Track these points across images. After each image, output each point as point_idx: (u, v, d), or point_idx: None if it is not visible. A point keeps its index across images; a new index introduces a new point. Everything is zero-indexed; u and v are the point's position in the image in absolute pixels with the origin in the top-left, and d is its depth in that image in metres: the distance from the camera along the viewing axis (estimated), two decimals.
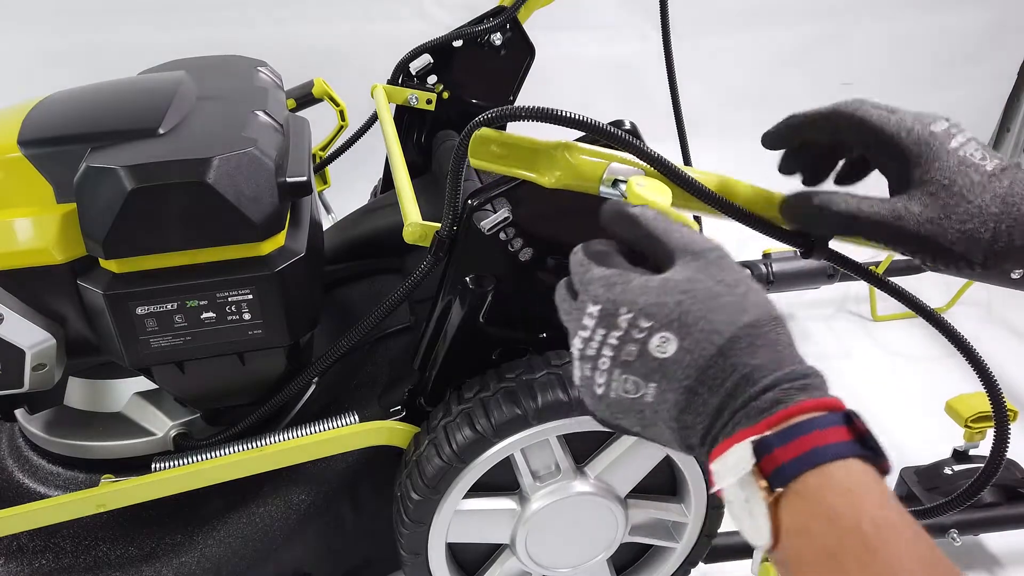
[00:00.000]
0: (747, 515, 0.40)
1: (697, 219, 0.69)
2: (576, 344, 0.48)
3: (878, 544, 0.35)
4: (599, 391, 0.46)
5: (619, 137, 0.57)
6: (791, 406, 0.40)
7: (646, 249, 0.50)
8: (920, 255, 0.55)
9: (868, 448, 0.39)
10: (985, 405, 0.99)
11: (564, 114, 0.57)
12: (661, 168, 0.57)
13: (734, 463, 0.40)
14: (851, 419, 0.40)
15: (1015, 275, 0.53)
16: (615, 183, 0.60)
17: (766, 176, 0.66)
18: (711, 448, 0.43)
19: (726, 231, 0.62)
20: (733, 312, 0.43)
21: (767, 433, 0.39)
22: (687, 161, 1.14)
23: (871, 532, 0.36)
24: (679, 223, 0.50)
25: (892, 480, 1.07)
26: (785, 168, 0.65)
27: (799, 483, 0.38)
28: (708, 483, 0.42)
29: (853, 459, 0.38)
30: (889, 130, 0.55)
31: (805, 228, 0.58)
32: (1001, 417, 0.61)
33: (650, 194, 0.55)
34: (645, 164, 0.59)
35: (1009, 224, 0.51)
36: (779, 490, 0.38)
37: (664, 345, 0.43)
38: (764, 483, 0.39)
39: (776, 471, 0.38)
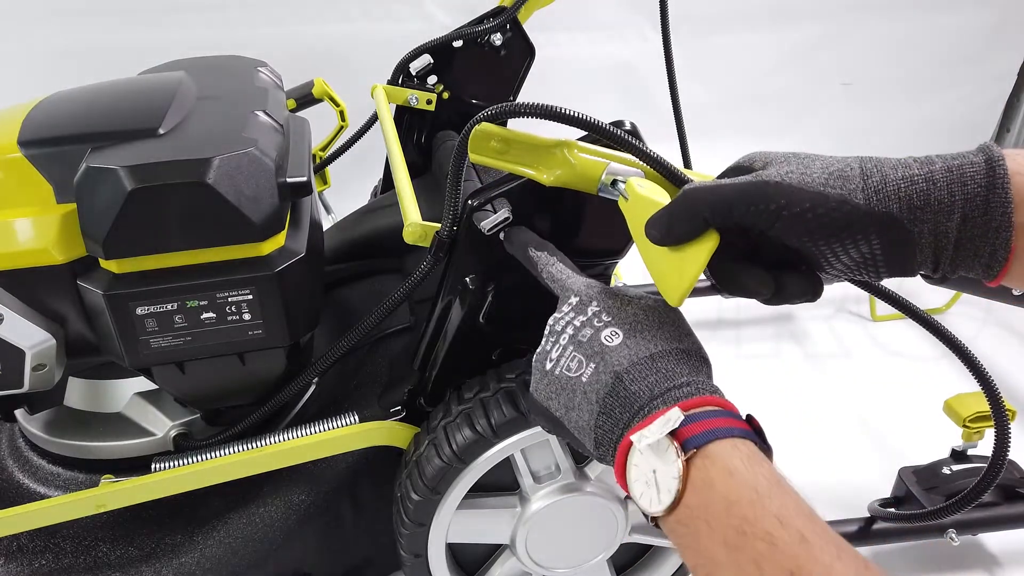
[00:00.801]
0: (650, 485, 0.46)
1: None
2: (550, 321, 0.57)
3: (769, 493, 0.42)
4: (548, 365, 0.55)
5: (619, 137, 0.57)
6: (704, 396, 0.48)
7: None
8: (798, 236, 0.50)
9: (761, 438, 0.47)
10: (983, 405, 0.99)
11: (566, 112, 0.57)
12: (661, 169, 0.57)
13: (658, 427, 0.46)
14: (751, 418, 0.48)
15: (1016, 292, 0.53)
16: (614, 183, 0.60)
17: None
18: (620, 436, 0.49)
19: None
20: (672, 338, 0.52)
21: (686, 414, 0.46)
22: (687, 162, 1.14)
23: (763, 486, 0.42)
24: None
25: (890, 480, 1.07)
26: None
27: (709, 447, 0.44)
28: (616, 471, 0.50)
29: (751, 441, 0.45)
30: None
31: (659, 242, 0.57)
32: (1001, 419, 0.61)
33: (650, 194, 0.55)
34: (645, 165, 0.59)
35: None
36: (692, 451, 0.44)
37: (613, 338, 0.52)
38: (677, 444, 0.45)
39: (691, 438, 0.45)
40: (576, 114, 0.57)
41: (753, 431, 0.47)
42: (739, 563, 0.40)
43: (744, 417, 0.48)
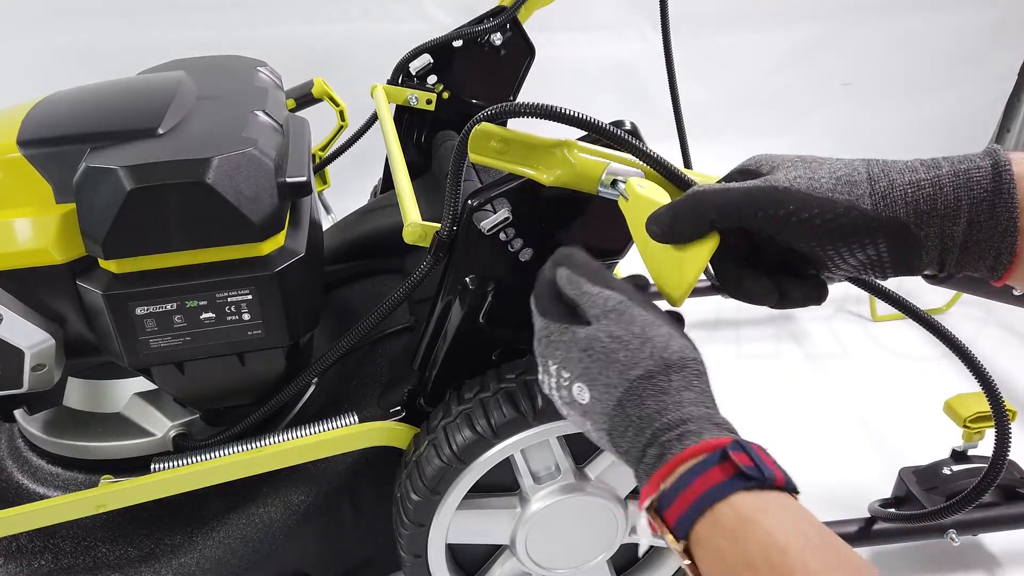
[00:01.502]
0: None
1: None
2: (540, 380, 0.55)
3: (767, 569, 0.37)
4: (568, 415, 0.53)
5: (619, 137, 0.57)
6: (671, 460, 0.43)
7: (567, 314, 0.54)
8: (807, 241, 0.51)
9: (749, 477, 0.41)
10: (984, 405, 0.99)
11: (565, 112, 0.57)
12: (660, 169, 0.57)
13: (644, 527, 0.44)
14: (726, 455, 0.42)
15: (1017, 292, 0.53)
16: (614, 183, 0.60)
17: None
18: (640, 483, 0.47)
19: None
20: (625, 367, 0.47)
21: (662, 489, 0.43)
22: (687, 162, 1.14)
23: (760, 559, 0.38)
24: (587, 282, 0.53)
25: (890, 481, 1.07)
26: None
27: (695, 532, 0.41)
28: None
29: (736, 495, 0.40)
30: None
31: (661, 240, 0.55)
32: (1001, 419, 0.61)
33: (650, 194, 0.55)
34: (645, 165, 0.59)
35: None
36: (683, 542, 0.41)
37: (582, 394, 0.49)
38: (670, 537, 0.42)
39: (676, 524, 0.41)
40: (576, 114, 0.57)
41: (737, 473, 0.41)
42: None
43: (720, 454, 0.42)
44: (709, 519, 0.40)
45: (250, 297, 0.72)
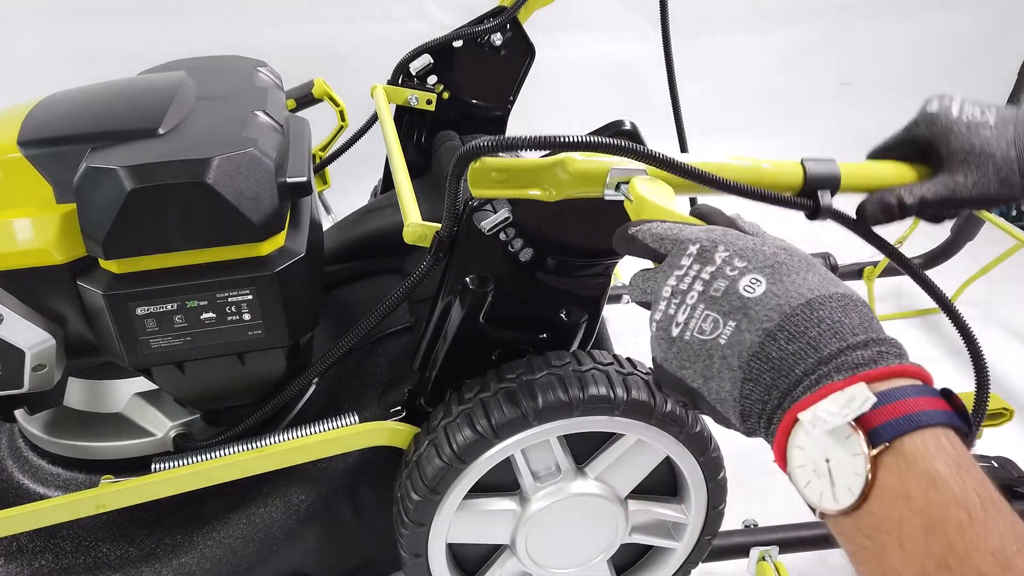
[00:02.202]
0: (823, 476, 0.38)
1: (692, 200, 0.69)
2: (669, 282, 0.47)
3: (984, 519, 0.34)
4: (675, 331, 0.46)
5: (614, 146, 0.57)
6: (891, 366, 0.39)
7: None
8: (969, 209, 0.65)
9: (966, 423, 0.38)
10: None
11: (557, 139, 0.56)
12: (659, 164, 0.57)
13: (839, 407, 0.37)
14: (950, 394, 0.39)
15: None
16: (618, 186, 0.60)
17: None
18: (776, 410, 0.41)
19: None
20: (826, 280, 0.43)
21: (875, 390, 0.38)
22: None
23: (976, 505, 0.34)
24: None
25: None
26: None
27: (905, 443, 0.36)
28: (777, 454, 0.42)
29: (953, 430, 0.37)
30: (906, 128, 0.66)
31: (885, 222, 0.63)
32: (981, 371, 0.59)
33: (652, 195, 0.55)
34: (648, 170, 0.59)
35: None
36: (884, 446, 0.36)
37: (754, 286, 0.43)
38: (863, 435, 0.36)
39: (880, 427, 0.36)
40: (567, 139, 0.56)
41: (956, 413, 0.38)
42: None
43: (940, 391, 0.39)
44: (930, 437, 0.36)
45: (250, 297, 0.72)
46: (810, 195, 0.59)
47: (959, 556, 0.33)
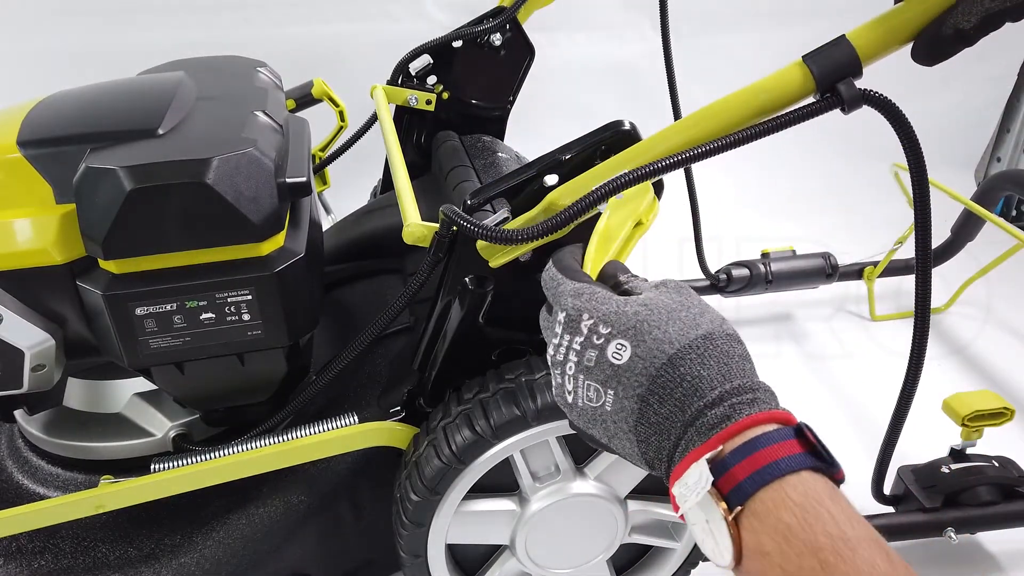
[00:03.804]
0: (709, 535, 0.40)
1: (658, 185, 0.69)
2: (549, 351, 0.50)
3: (836, 562, 0.34)
4: (568, 398, 0.49)
5: (595, 200, 0.58)
6: (741, 420, 0.40)
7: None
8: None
9: (820, 460, 0.38)
10: (983, 404, 0.99)
11: (552, 222, 0.59)
12: (630, 183, 0.58)
13: (693, 483, 0.40)
14: (802, 431, 0.40)
15: None
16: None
17: (765, 175, 0.66)
18: (669, 468, 0.43)
19: (729, 225, 0.63)
20: (687, 325, 0.45)
21: (721, 449, 0.40)
22: (687, 168, 1.14)
23: (828, 550, 0.35)
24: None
25: (889, 479, 1.07)
26: None
27: (755, 501, 0.38)
28: (672, 506, 0.43)
29: (806, 472, 0.38)
30: None
31: (942, 60, 0.56)
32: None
33: (604, 221, 0.59)
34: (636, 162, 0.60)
35: None
36: (738, 509, 0.38)
37: (620, 352, 0.45)
38: (723, 504, 0.38)
39: (733, 490, 0.38)
40: (565, 216, 0.59)
41: (810, 450, 0.39)
42: None
43: (795, 430, 0.40)
44: (777, 489, 0.37)
45: (250, 297, 0.72)
46: (830, 90, 0.54)
47: None
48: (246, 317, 0.73)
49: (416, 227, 0.74)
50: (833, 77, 0.54)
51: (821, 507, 0.36)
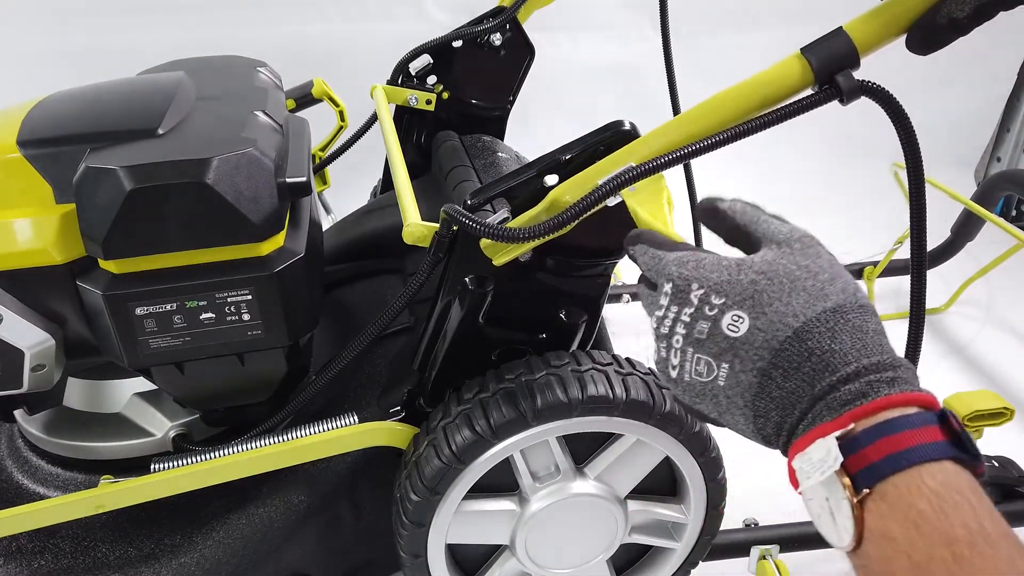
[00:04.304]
0: (827, 514, 0.38)
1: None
2: (653, 324, 0.47)
3: (972, 556, 0.32)
4: (673, 373, 0.46)
5: (603, 195, 0.58)
6: (878, 400, 0.38)
7: (735, 242, 0.50)
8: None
9: (963, 451, 0.36)
10: (982, 404, 0.99)
11: (561, 218, 0.60)
12: (638, 176, 0.57)
13: (819, 459, 0.37)
14: (945, 418, 0.37)
15: None
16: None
17: (765, 175, 0.66)
18: (789, 442, 0.41)
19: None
20: (813, 297, 0.41)
21: (852, 427, 0.37)
22: (687, 166, 1.13)
23: (964, 543, 0.33)
24: (767, 217, 0.50)
25: None
26: None
27: (887, 484, 0.35)
28: (790, 481, 0.41)
29: (947, 461, 0.35)
30: None
31: (937, 49, 0.55)
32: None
33: (641, 205, 0.57)
34: (634, 160, 0.60)
35: None
36: (865, 491, 0.36)
37: (736, 324, 0.42)
38: (848, 482, 0.36)
39: (862, 471, 0.36)
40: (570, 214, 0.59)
41: (953, 439, 0.36)
42: None
43: (938, 415, 0.37)
44: (913, 475, 0.35)
45: (250, 297, 0.72)
46: (828, 82, 0.54)
47: None
48: (246, 317, 0.73)
49: (416, 227, 0.74)
50: (831, 68, 0.54)
51: (961, 498, 0.34)
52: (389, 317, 0.79)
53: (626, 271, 1.62)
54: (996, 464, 1.02)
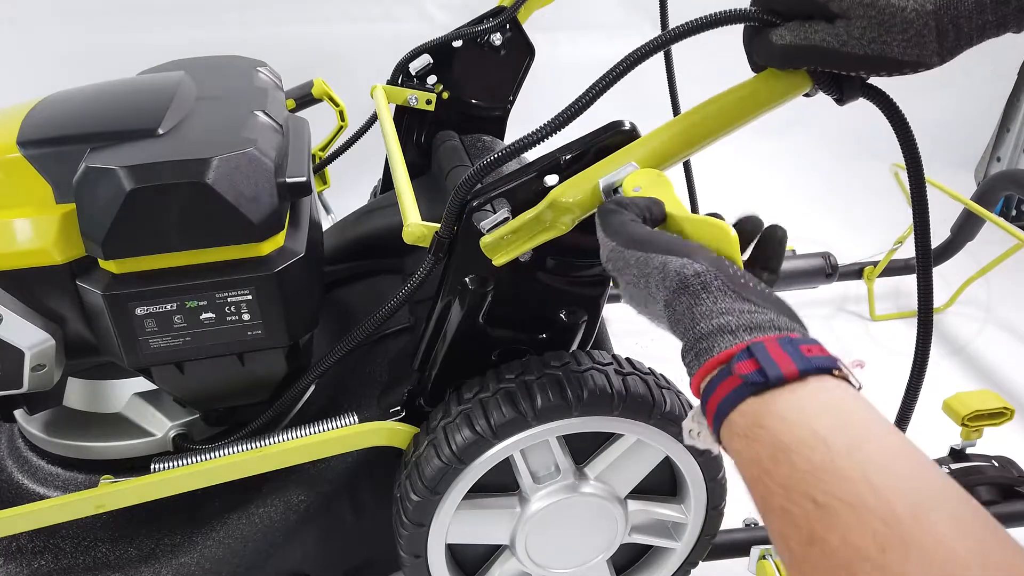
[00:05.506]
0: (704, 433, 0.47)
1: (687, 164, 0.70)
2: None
3: (773, 468, 0.40)
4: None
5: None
6: (699, 369, 0.46)
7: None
8: (874, 72, 0.55)
9: (754, 383, 0.42)
10: (982, 404, 0.99)
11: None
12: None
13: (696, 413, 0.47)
14: (751, 353, 0.43)
15: None
16: (615, 191, 0.61)
17: (765, 175, 0.66)
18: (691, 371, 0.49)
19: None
20: (706, 260, 0.50)
21: (701, 394, 0.46)
22: (687, 166, 1.14)
23: (768, 461, 0.40)
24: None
25: None
26: None
27: (722, 436, 0.44)
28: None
29: (744, 402, 0.42)
30: None
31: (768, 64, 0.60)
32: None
33: (651, 189, 0.57)
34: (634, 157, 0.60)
35: (952, 17, 0.50)
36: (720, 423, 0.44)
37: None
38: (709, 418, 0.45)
39: (713, 428, 0.45)
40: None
41: (741, 380, 0.43)
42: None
43: (746, 351, 0.44)
44: (726, 427, 0.44)
45: (250, 297, 0.72)
46: (828, 81, 0.58)
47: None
48: (246, 317, 0.73)
49: (416, 227, 0.74)
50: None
51: (758, 429, 0.42)
52: (381, 319, 0.78)
53: None
54: (996, 464, 1.02)
